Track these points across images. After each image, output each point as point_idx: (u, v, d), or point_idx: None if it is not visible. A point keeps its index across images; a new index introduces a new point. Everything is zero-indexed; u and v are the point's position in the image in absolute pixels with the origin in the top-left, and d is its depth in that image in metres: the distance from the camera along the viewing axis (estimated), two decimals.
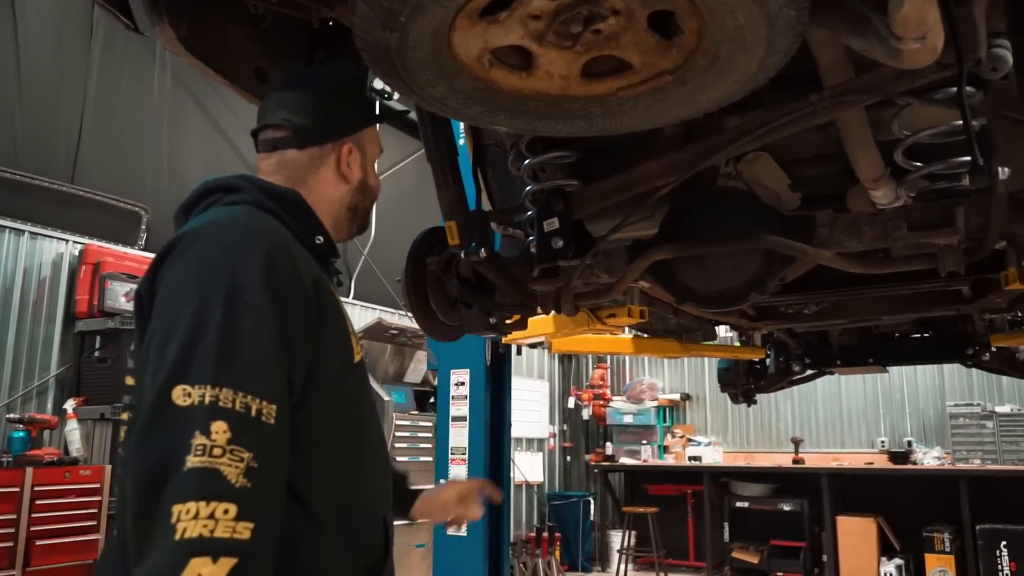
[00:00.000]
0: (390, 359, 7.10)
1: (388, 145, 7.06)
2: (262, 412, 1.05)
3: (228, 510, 0.97)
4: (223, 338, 1.06)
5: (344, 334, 1.27)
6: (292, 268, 1.17)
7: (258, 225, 1.20)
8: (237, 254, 1.13)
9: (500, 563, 3.70)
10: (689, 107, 1.38)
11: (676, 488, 8.96)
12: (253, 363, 1.07)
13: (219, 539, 0.96)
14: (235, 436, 1.01)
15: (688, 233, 1.64)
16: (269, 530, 1.02)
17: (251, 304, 1.09)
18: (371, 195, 1.47)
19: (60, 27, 5.50)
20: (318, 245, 1.34)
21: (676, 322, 3.19)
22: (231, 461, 1.00)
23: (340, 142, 1.40)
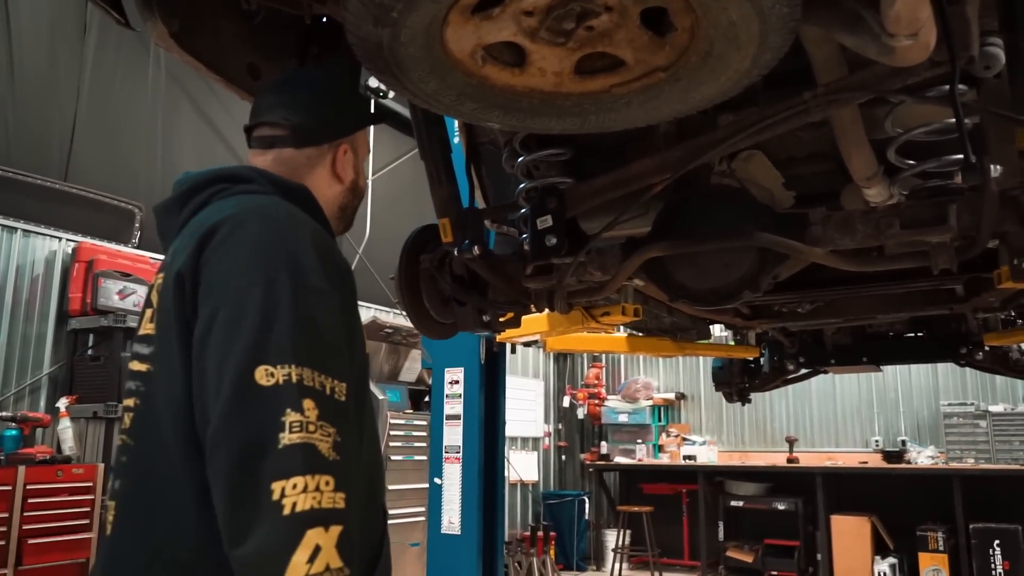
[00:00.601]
0: (385, 358, 7.10)
1: (383, 144, 7.11)
2: (335, 390, 1.09)
3: (328, 482, 1.02)
4: (297, 319, 1.08)
5: (360, 324, 1.29)
6: (337, 256, 1.21)
7: (295, 212, 1.23)
8: (293, 238, 1.16)
9: (494, 562, 3.69)
10: (682, 104, 1.37)
11: (671, 487, 8.97)
12: (325, 344, 1.11)
13: (327, 509, 1.00)
14: (322, 412, 1.05)
15: (681, 231, 1.64)
16: (357, 499, 1.07)
17: (316, 287, 1.13)
18: (360, 195, 1.49)
19: (53, 24, 5.48)
20: None
21: (670, 321, 3.19)
22: (323, 436, 1.04)
23: (336, 143, 1.41)
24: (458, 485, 3.67)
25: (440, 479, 3.72)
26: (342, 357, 1.13)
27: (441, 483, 3.72)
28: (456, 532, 3.64)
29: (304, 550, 0.97)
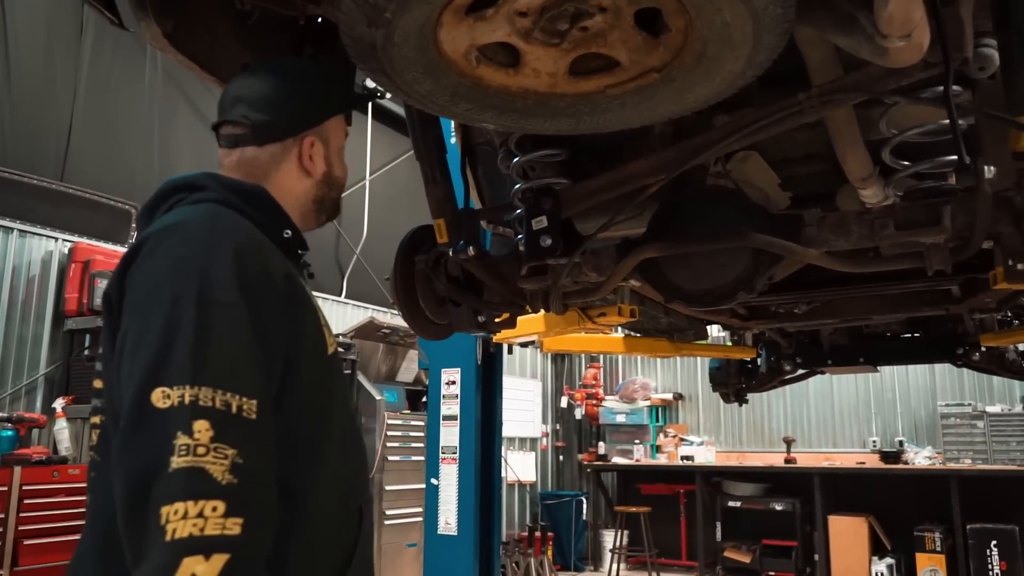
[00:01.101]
0: (382, 358, 7.09)
1: (380, 145, 7.10)
2: (243, 408, 1.05)
3: (216, 507, 0.98)
4: (198, 337, 1.06)
5: (317, 327, 1.27)
6: (262, 264, 1.17)
7: (225, 222, 1.21)
8: (206, 252, 1.13)
9: (491, 562, 3.69)
10: (677, 105, 1.38)
11: (668, 488, 8.98)
12: (230, 360, 1.07)
13: (209, 536, 0.96)
14: (218, 434, 1.01)
15: (676, 231, 1.64)
16: (260, 523, 1.02)
17: (223, 302, 1.09)
18: (337, 185, 1.46)
19: (50, 24, 5.48)
20: (286, 239, 1.34)
21: (667, 321, 3.19)
22: (215, 459, 1.00)
23: (300, 137, 1.38)
24: (455, 486, 3.66)
25: (437, 480, 3.72)
26: (251, 373, 1.09)
27: (438, 484, 3.72)
28: (453, 533, 3.64)
29: None
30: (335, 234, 7.80)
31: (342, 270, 7.83)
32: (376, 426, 6.41)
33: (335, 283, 7.72)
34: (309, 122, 1.40)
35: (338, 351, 1.36)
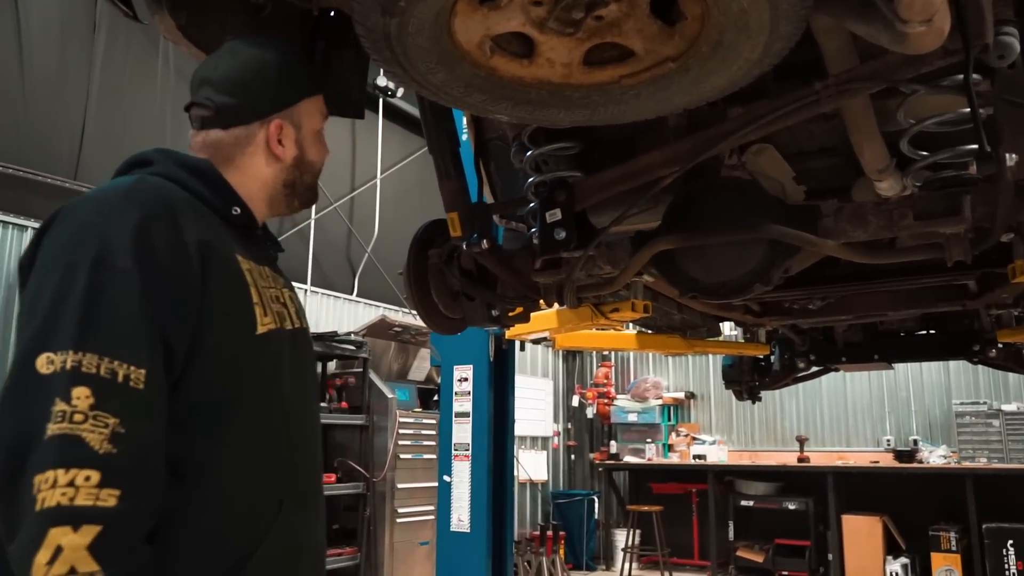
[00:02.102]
0: (394, 356, 7.10)
1: (391, 143, 7.10)
2: (130, 377, 1.03)
3: (90, 477, 0.95)
4: (87, 303, 1.04)
5: (244, 305, 1.23)
6: (174, 235, 1.14)
7: (144, 192, 1.18)
8: (111, 219, 1.11)
9: (504, 560, 3.69)
10: (692, 95, 1.36)
11: (680, 487, 8.95)
12: (119, 327, 1.05)
13: (79, 507, 0.94)
14: (99, 401, 0.99)
15: (691, 223, 1.63)
16: (141, 496, 1.00)
17: (119, 267, 1.07)
18: (311, 169, 1.43)
19: (63, 22, 5.51)
20: (235, 216, 1.32)
21: (680, 318, 3.18)
22: (94, 427, 0.98)
23: (267, 120, 1.36)
24: (467, 483, 3.66)
25: (449, 477, 3.72)
26: (142, 341, 1.06)
27: (450, 481, 3.71)
28: (465, 530, 3.64)
29: (46, 550, 0.92)
30: (347, 233, 7.81)
31: (353, 269, 7.84)
32: (388, 424, 6.42)
33: (347, 282, 7.73)
34: (275, 105, 1.37)
35: (285, 333, 1.31)
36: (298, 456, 1.31)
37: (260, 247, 1.39)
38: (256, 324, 1.23)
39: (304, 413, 1.36)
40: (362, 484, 6.31)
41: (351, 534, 6.38)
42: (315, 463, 1.39)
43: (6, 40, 5.16)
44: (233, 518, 1.17)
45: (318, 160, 1.45)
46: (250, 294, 1.24)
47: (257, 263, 1.31)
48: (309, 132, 1.42)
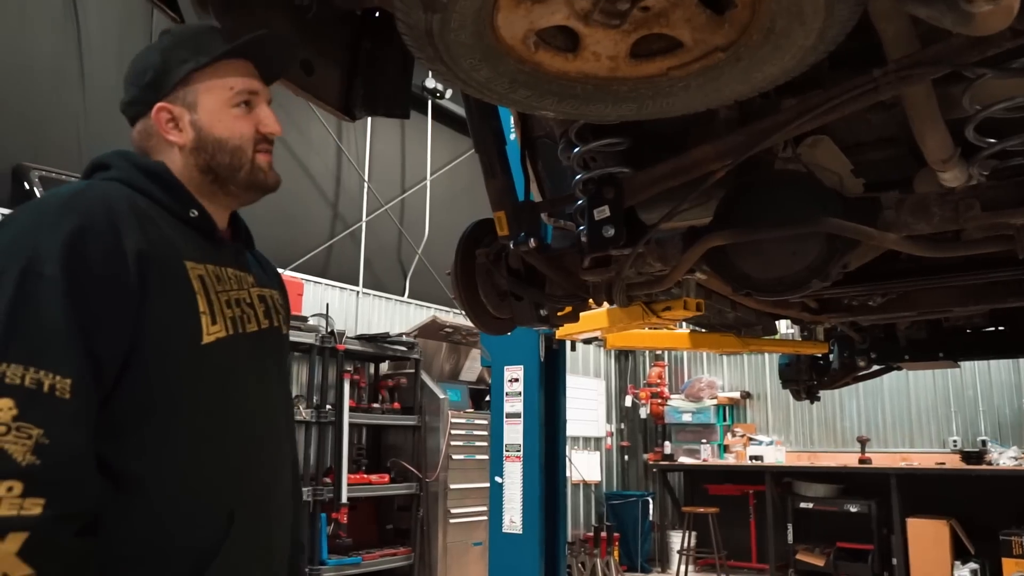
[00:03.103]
0: (445, 357, 7.13)
1: (440, 144, 7.17)
2: (55, 387, 1.03)
3: (12, 488, 0.98)
4: (12, 312, 1.04)
5: (188, 315, 1.22)
6: (108, 241, 1.13)
7: (87, 198, 1.18)
8: (44, 226, 1.11)
9: (556, 562, 3.66)
10: (744, 86, 1.32)
11: (737, 488, 8.79)
12: (44, 336, 1.05)
13: (4, 517, 0.97)
14: (22, 412, 1.00)
15: (744, 218, 1.58)
16: (67, 502, 1.02)
17: (46, 276, 1.07)
18: (222, 147, 1.34)
19: (121, 35, 5.67)
20: (193, 219, 1.31)
21: (734, 316, 3.11)
22: (16, 439, 0.99)
23: (155, 108, 1.32)
24: (519, 484, 3.64)
25: (501, 478, 3.70)
26: (67, 350, 1.06)
27: (502, 482, 3.70)
28: (518, 531, 3.62)
29: None
30: (397, 235, 7.88)
31: (404, 270, 7.90)
32: (440, 425, 6.44)
33: (398, 283, 7.80)
34: (156, 89, 1.33)
35: (242, 337, 1.30)
36: (252, 463, 1.29)
37: (223, 248, 1.37)
38: (201, 334, 1.22)
39: (263, 416, 1.35)
40: (415, 484, 6.35)
41: (405, 534, 6.43)
42: (275, 467, 1.36)
43: (68, 54, 5.33)
44: (177, 530, 1.17)
45: (225, 135, 1.34)
46: (196, 303, 1.23)
47: (218, 265, 1.30)
48: (210, 108, 1.34)
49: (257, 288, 1.40)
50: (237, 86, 1.35)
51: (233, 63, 1.35)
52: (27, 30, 5.15)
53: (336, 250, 7.17)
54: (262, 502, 1.30)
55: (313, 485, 5.60)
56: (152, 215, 1.24)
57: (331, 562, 5.60)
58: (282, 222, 6.65)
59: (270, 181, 1.40)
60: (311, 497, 5.54)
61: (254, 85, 1.37)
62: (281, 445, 1.40)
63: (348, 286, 7.09)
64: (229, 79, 1.35)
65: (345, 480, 5.76)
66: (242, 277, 1.36)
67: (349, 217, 7.37)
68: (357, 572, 5.82)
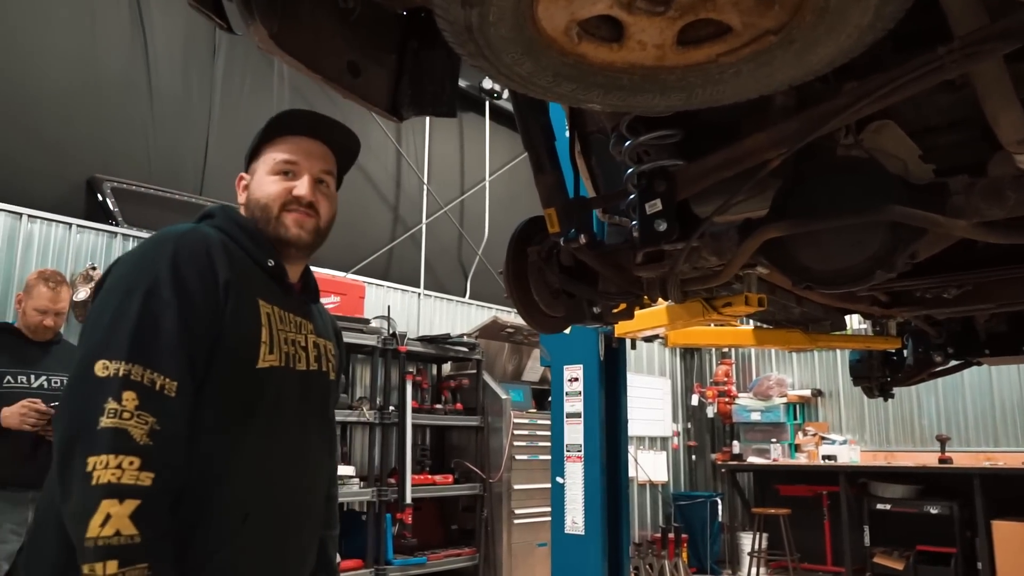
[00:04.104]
0: (507, 358, 7.13)
1: (499, 144, 7.20)
2: (165, 387, 1.30)
3: (133, 462, 1.23)
4: (139, 324, 1.31)
5: (252, 340, 1.45)
6: (202, 269, 1.41)
7: (186, 234, 1.47)
8: (159, 256, 1.40)
9: (620, 563, 3.61)
10: (798, 69, 1.26)
11: (810, 489, 8.54)
12: (161, 346, 1.31)
13: (125, 485, 1.21)
14: (142, 404, 1.27)
15: (803, 208, 1.51)
16: (168, 480, 1.27)
17: (164, 298, 1.35)
18: (258, 204, 1.62)
19: (186, 48, 5.85)
20: (270, 267, 1.56)
21: (800, 311, 3.00)
22: (137, 423, 1.25)
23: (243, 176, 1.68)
24: (580, 484, 3.60)
25: (562, 478, 3.67)
26: (176, 359, 1.32)
27: (563, 482, 3.67)
28: (580, 532, 3.58)
29: (99, 515, 1.19)
30: (457, 236, 7.92)
31: (465, 271, 7.94)
32: (502, 425, 6.44)
33: (459, 285, 7.84)
34: (247, 161, 1.70)
35: (291, 372, 1.52)
36: (279, 478, 1.49)
37: (292, 298, 1.62)
38: (258, 358, 1.45)
39: (298, 442, 1.55)
40: (479, 485, 6.36)
41: (469, 534, 6.45)
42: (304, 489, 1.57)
43: (136, 68, 5.52)
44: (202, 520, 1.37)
45: (263, 196, 1.61)
46: (260, 332, 1.47)
47: (284, 309, 1.55)
48: (259, 175, 1.64)
49: (314, 336, 1.64)
50: (279, 157, 1.63)
51: (292, 140, 1.65)
52: (98, 47, 5.35)
53: (397, 253, 7.25)
54: (288, 516, 1.51)
55: (378, 486, 5.66)
56: (239, 257, 1.52)
57: (396, 562, 5.66)
58: (344, 226, 6.73)
59: (290, 235, 1.60)
60: (376, 498, 5.60)
61: (295, 158, 1.63)
62: (313, 470, 1.60)
63: (409, 288, 7.15)
64: (276, 152, 1.64)
65: (409, 481, 5.80)
66: (302, 323, 1.61)
67: (409, 220, 7.45)
68: (422, 572, 5.86)
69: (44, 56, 5.09)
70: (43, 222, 4.74)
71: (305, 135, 1.67)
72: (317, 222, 1.64)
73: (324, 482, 1.68)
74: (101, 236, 5.03)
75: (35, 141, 4.94)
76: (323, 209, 1.65)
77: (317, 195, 1.64)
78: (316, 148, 1.66)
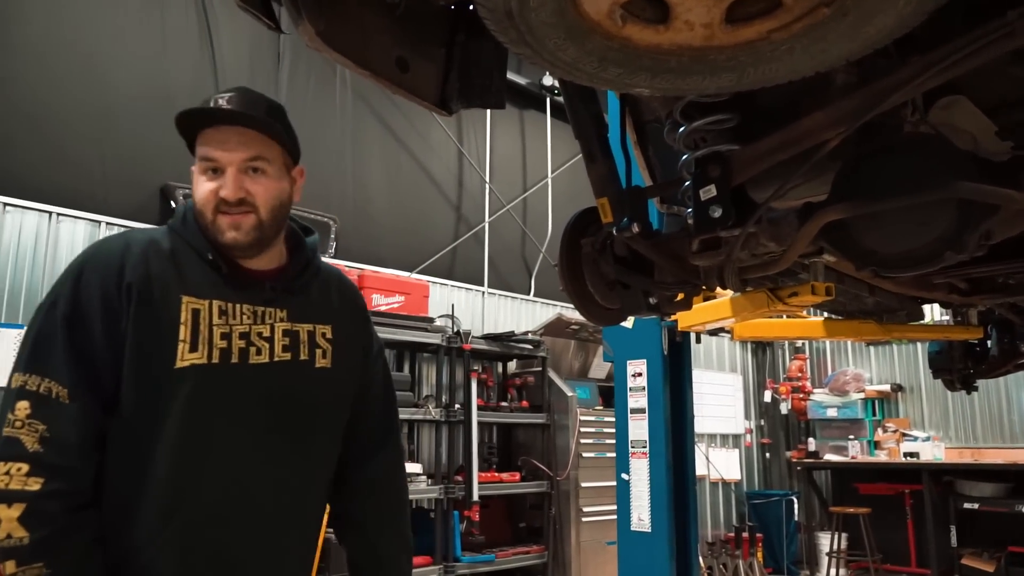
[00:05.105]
0: (573, 355, 7.09)
1: (561, 141, 7.19)
2: (60, 394, 1.36)
3: (21, 468, 1.31)
4: (36, 337, 1.40)
5: (164, 339, 1.43)
6: (106, 276, 1.43)
7: (104, 243, 1.51)
8: (69, 271, 1.46)
9: (688, 561, 3.54)
10: (854, 42, 1.20)
11: (891, 487, 8.24)
12: (54, 356, 1.37)
13: (12, 490, 1.29)
14: (34, 412, 1.34)
15: (864, 188, 1.44)
16: (58, 484, 1.32)
17: (60, 310, 1.40)
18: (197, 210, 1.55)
19: (252, 58, 6.00)
20: (210, 260, 1.52)
21: (874, 301, 2.89)
22: (28, 432, 1.32)
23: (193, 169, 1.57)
24: (646, 481, 3.55)
25: (627, 475, 3.63)
26: (68, 367, 1.37)
27: (628, 479, 3.62)
28: (646, 529, 3.53)
29: None
30: (520, 234, 7.91)
31: (529, 269, 7.93)
32: (569, 423, 6.41)
33: (523, 282, 7.83)
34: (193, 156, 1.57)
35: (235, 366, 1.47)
36: (219, 479, 1.45)
37: (253, 288, 1.55)
38: (175, 358, 1.43)
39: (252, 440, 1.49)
40: (546, 483, 6.34)
41: (538, 532, 6.44)
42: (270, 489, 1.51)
43: (204, 77, 5.69)
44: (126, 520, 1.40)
45: (197, 199, 1.53)
46: (178, 332, 1.44)
47: (234, 301, 1.51)
48: (195, 173, 1.54)
49: (288, 323, 1.57)
50: (200, 153, 1.53)
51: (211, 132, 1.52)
52: (167, 59, 5.54)
53: (461, 252, 7.29)
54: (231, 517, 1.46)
55: (445, 483, 5.70)
56: (176, 252, 1.51)
57: (465, 559, 5.69)
58: (407, 226, 6.83)
59: (226, 239, 1.52)
60: (443, 495, 5.64)
61: (214, 154, 1.51)
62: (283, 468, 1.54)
63: (473, 286, 7.19)
64: (200, 148, 1.53)
65: (476, 478, 5.83)
66: (266, 313, 1.55)
67: (472, 218, 7.48)
68: (491, 570, 5.88)
69: (119, 71, 5.30)
70: (120, 229, 4.93)
71: (220, 124, 1.52)
72: (257, 217, 1.51)
73: (311, 479, 1.60)
74: None
75: (112, 152, 5.15)
76: (259, 200, 1.52)
77: (247, 187, 1.51)
78: (234, 136, 1.50)
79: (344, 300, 1.73)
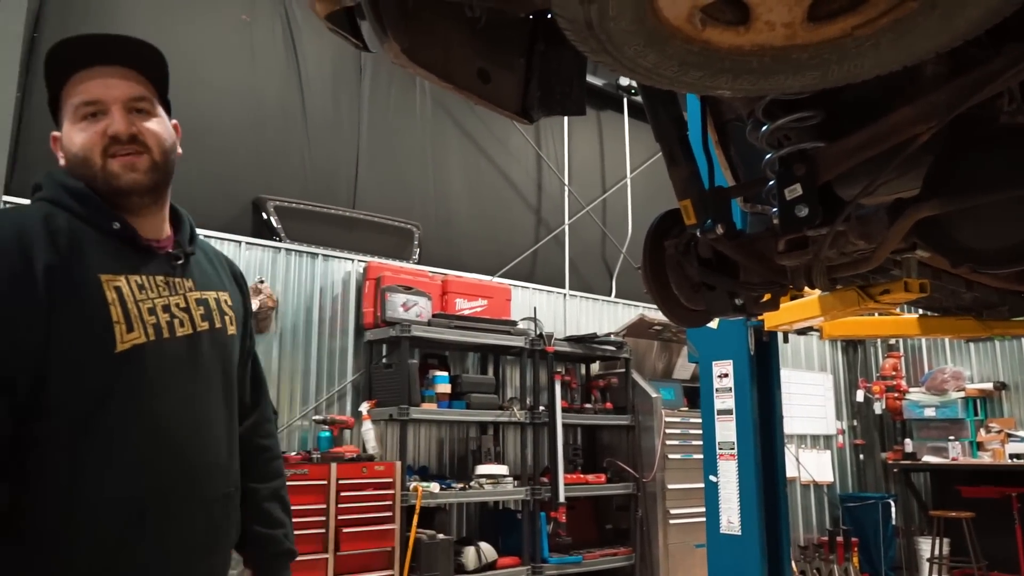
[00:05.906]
0: (657, 356, 7.04)
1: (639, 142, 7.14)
2: None
3: None
4: None
5: (99, 325, 1.32)
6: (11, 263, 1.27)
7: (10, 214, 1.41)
8: None
9: (781, 564, 3.47)
10: (943, 35, 1.17)
11: (997, 491, 7.83)
12: None
13: None
14: None
15: (960, 183, 1.40)
16: None
17: None
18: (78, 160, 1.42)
19: (335, 71, 6.19)
20: (117, 231, 1.39)
21: (971, 296, 2.77)
22: None
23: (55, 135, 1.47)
24: (735, 483, 3.50)
25: (715, 477, 3.58)
26: None
27: (717, 481, 3.58)
28: (736, 532, 3.48)
29: None
30: (600, 235, 7.89)
31: (610, 270, 7.90)
32: (654, 424, 6.36)
33: (604, 284, 7.81)
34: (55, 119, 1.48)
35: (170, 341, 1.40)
36: (166, 462, 1.38)
37: (157, 258, 1.46)
38: (115, 342, 1.33)
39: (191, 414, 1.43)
40: (632, 484, 6.31)
41: (624, 534, 6.41)
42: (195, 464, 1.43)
43: (291, 93, 5.90)
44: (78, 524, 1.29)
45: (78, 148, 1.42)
46: (109, 313, 1.33)
47: (146, 274, 1.41)
48: (66, 128, 1.45)
49: (197, 292, 1.50)
50: (76, 100, 1.42)
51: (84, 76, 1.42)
52: (257, 73, 5.77)
53: (541, 254, 7.32)
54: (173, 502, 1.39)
55: (531, 485, 5.74)
56: (73, 229, 1.36)
57: (553, 560, 5.71)
58: (488, 231, 6.90)
59: (122, 182, 1.42)
60: (530, 496, 5.68)
61: (94, 95, 1.41)
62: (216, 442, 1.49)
63: (555, 289, 7.21)
64: (73, 97, 1.42)
65: (562, 480, 5.84)
66: (177, 283, 1.47)
67: (552, 221, 7.50)
68: (579, 571, 5.88)
69: (212, 90, 5.54)
70: (216, 241, 5.16)
71: (95, 65, 1.42)
72: (151, 157, 1.43)
73: (235, 441, 1.56)
74: (267, 252, 5.44)
75: (206, 167, 5.39)
76: (151, 139, 1.44)
77: (138, 125, 1.42)
78: (115, 75, 1.42)
79: (223, 267, 1.69)
